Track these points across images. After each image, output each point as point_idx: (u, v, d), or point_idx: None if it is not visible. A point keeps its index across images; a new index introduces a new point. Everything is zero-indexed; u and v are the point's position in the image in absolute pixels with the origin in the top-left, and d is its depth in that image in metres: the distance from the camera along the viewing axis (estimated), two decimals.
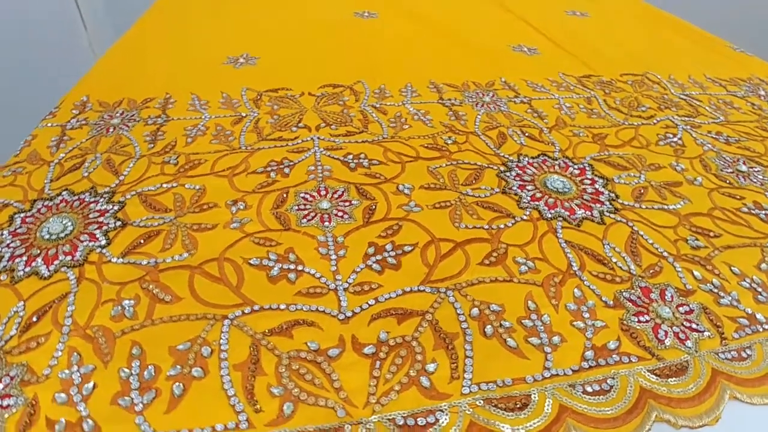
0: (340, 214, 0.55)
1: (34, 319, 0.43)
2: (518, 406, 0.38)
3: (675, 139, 0.71)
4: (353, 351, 0.41)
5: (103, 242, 0.51)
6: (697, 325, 0.45)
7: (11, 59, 1.26)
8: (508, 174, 0.62)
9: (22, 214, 0.54)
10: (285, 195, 0.57)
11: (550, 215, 0.56)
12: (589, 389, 0.39)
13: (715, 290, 0.49)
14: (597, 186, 0.61)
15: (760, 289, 0.50)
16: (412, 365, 0.40)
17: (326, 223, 0.53)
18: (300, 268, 0.48)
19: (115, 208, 0.55)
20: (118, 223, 0.53)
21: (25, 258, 0.49)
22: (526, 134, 0.70)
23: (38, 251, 0.50)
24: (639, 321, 0.45)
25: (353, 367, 0.40)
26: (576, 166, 0.64)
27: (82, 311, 0.44)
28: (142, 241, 0.51)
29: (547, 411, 0.38)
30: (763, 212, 0.59)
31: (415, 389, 0.39)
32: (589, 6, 1.21)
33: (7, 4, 1.26)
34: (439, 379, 0.39)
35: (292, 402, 0.38)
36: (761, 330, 0.46)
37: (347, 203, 0.56)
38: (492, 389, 0.39)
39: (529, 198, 0.58)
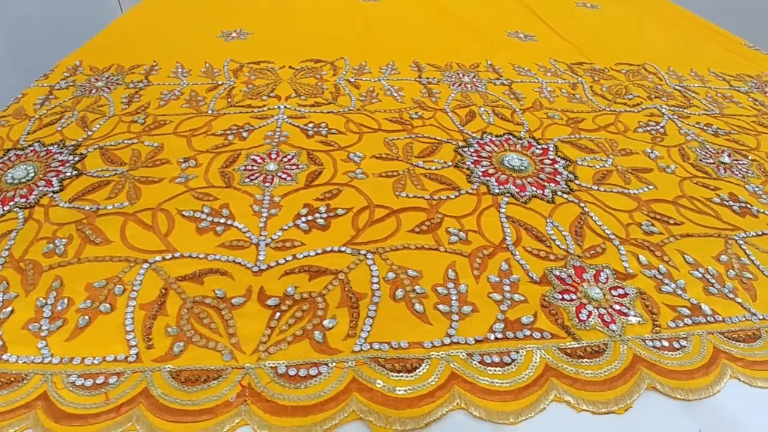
0: (284, 176, 0.55)
1: None
2: (407, 368, 0.37)
3: (657, 128, 0.67)
4: (257, 301, 0.41)
5: (57, 188, 0.53)
6: (629, 309, 0.42)
7: (52, 38, 1.36)
8: (465, 150, 0.60)
9: None
10: (236, 156, 0.58)
11: (498, 191, 0.53)
12: (488, 360, 0.38)
13: (660, 277, 0.45)
14: (557, 167, 0.58)
15: (713, 281, 0.46)
16: (310, 320, 0.40)
17: (267, 184, 0.53)
18: (229, 222, 0.49)
19: (76, 159, 0.58)
20: (74, 173, 0.55)
21: None
22: (498, 114, 0.68)
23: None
24: (563, 299, 0.42)
25: (253, 316, 0.40)
26: (540, 147, 0.61)
27: (20, 246, 0.46)
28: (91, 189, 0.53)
29: (436, 377, 0.36)
30: (738, 204, 0.54)
31: (307, 342, 0.38)
32: None
33: None
34: (333, 335, 0.39)
35: (183, 342, 0.38)
36: (704, 322, 0.42)
37: (294, 167, 0.56)
38: (384, 349, 0.38)
39: (480, 173, 0.56)
